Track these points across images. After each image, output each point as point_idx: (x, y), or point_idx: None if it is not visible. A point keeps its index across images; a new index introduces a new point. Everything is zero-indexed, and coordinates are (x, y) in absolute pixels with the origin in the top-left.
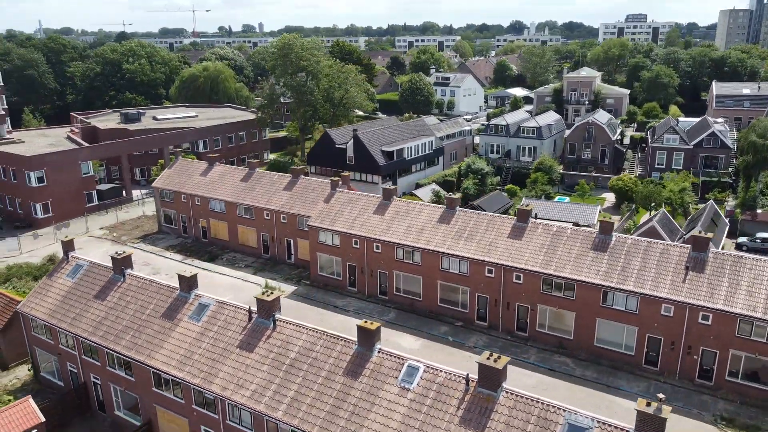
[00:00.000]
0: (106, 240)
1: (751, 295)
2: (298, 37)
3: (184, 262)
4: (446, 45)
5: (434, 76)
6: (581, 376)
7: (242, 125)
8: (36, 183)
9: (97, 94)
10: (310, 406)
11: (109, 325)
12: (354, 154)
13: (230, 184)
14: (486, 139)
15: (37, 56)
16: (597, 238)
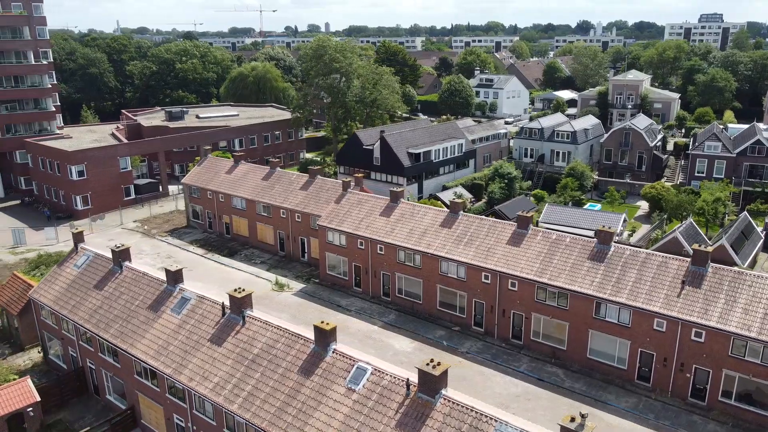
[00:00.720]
0: (137, 232)
1: (747, 314)
2: (332, 38)
3: (204, 257)
4: (503, 45)
5: (478, 78)
6: (569, 388)
7: (278, 125)
8: (77, 176)
9: (152, 92)
10: (263, 401)
11: (102, 313)
12: (380, 156)
13: (252, 182)
14: (520, 142)
15: (100, 56)
16: (595, 248)
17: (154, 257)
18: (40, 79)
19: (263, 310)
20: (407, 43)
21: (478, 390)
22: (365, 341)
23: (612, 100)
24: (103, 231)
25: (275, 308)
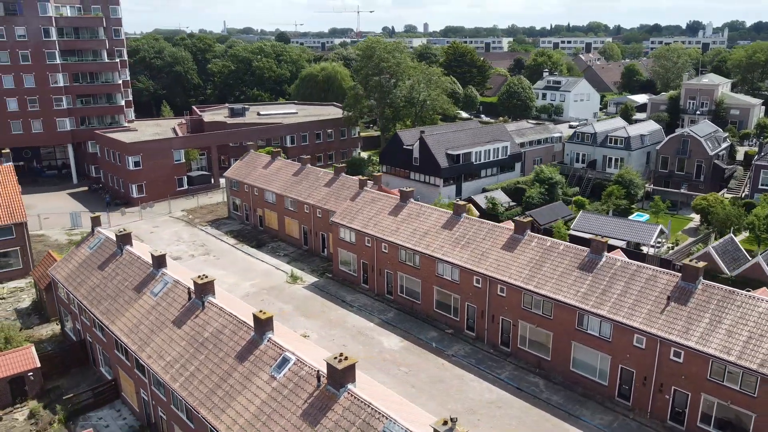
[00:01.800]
0: (181, 221)
1: (731, 336)
2: (382, 39)
3: (234, 247)
4: (594, 47)
5: (545, 80)
6: (546, 400)
7: (331, 123)
8: (133, 166)
9: (229, 89)
10: (200, 382)
11: (98, 291)
12: (419, 156)
13: (283, 177)
14: (571, 147)
15: (185, 54)
16: (587, 258)
17: (189, 245)
18: (112, 76)
19: (271, 300)
20: (493, 44)
21: (450, 394)
22: (356, 337)
23: (684, 105)
24: (151, 218)
25: (283, 299)
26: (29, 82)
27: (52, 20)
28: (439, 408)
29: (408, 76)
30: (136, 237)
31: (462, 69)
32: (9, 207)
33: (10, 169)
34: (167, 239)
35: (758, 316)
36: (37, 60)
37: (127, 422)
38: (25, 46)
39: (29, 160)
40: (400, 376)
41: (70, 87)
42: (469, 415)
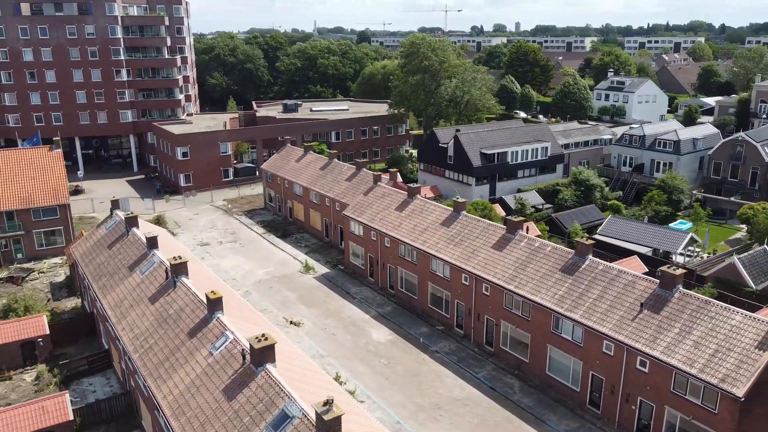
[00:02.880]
0: (220, 210)
1: (697, 348)
2: (426, 37)
3: (261, 236)
4: (683, 47)
5: (609, 80)
6: (516, 402)
7: (377, 120)
8: (181, 156)
9: (295, 86)
10: (154, 354)
11: (102, 268)
12: (453, 154)
13: (311, 171)
14: (619, 149)
15: (257, 52)
16: (571, 260)
17: (221, 232)
18: (172, 72)
19: (279, 288)
20: (576, 43)
21: (421, 388)
22: (348, 327)
23: (755, 108)
24: (193, 206)
25: (290, 287)
26: (96, 76)
27: (118, 19)
28: (405, 401)
29: (452, 74)
30: (175, 222)
31: (524, 68)
32: (55, 190)
33: (58, 156)
34: (202, 226)
35: (729, 329)
36: (104, 56)
37: (112, 389)
38: (94, 43)
39: (98, 149)
40: (378, 368)
41: (133, 81)
42: (433, 410)
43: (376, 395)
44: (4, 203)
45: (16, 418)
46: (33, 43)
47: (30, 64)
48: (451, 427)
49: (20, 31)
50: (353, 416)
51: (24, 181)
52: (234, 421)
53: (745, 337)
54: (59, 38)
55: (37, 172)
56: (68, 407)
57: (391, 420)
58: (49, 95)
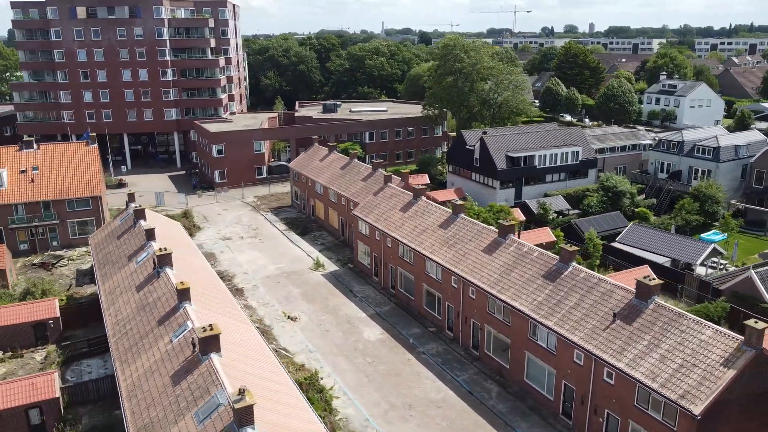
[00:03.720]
0: (249, 206)
1: (663, 361)
2: (460, 38)
3: (282, 232)
4: (759, 49)
5: (661, 84)
6: (491, 407)
7: (411, 121)
8: (216, 154)
9: (344, 87)
10: (128, 339)
11: (108, 257)
12: (479, 156)
13: (331, 170)
14: (656, 155)
15: (309, 53)
16: (554, 267)
17: (244, 227)
18: (214, 72)
19: (285, 283)
20: (642, 45)
21: (399, 388)
22: (342, 324)
23: None
24: (224, 202)
25: (296, 283)
26: (143, 76)
27: (165, 21)
28: (379, 399)
29: (487, 76)
30: (204, 217)
31: (573, 71)
32: (89, 182)
33: (94, 150)
34: (228, 221)
35: (698, 344)
36: (151, 56)
37: (107, 371)
38: (142, 45)
39: (146, 145)
40: (362, 366)
41: (178, 81)
42: (404, 410)
43: (353, 392)
44: (42, 193)
45: (7, 392)
46: (86, 45)
47: (83, 64)
48: (417, 428)
49: (75, 33)
50: (294, 410)
51: (61, 174)
52: (173, 405)
53: (713, 353)
54: (110, 40)
55: (74, 165)
56: (56, 385)
57: (361, 417)
58: (100, 93)
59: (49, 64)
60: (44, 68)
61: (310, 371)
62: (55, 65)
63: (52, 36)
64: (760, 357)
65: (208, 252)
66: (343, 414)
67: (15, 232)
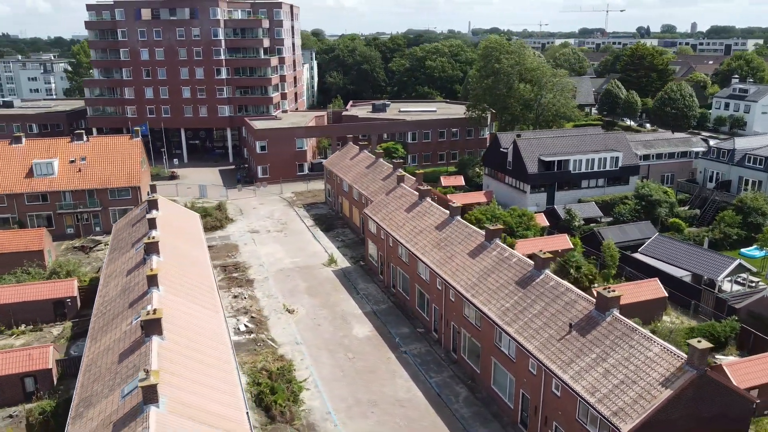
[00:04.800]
0: (284, 202)
1: (606, 376)
2: (501, 39)
3: (308, 228)
4: None
5: (731, 88)
6: (454, 411)
7: (455, 122)
8: (259, 150)
9: (404, 86)
10: (103, 319)
11: (120, 243)
12: (512, 159)
13: (358, 169)
14: (705, 164)
15: (374, 53)
16: (528, 273)
17: (274, 221)
18: (266, 71)
19: (294, 277)
20: (735, 46)
21: (369, 385)
22: (335, 320)
23: None
24: (262, 196)
25: (304, 278)
26: (199, 74)
27: (220, 22)
28: (347, 394)
29: (528, 78)
30: (240, 210)
31: (638, 73)
32: (129, 173)
33: (138, 144)
34: (261, 215)
35: (643, 360)
36: (207, 56)
37: None
38: (198, 44)
39: (204, 140)
40: (341, 361)
41: (231, 79)
42: (368, 406)
43: (324, 385)
44: (87, 182)
45: (6, 360)
46: (149, 44)
47: (146, 62)
48: (375, 425)
49: (139, 33)
50: (220, 394)
51: (105, 165)
52: (111, 381)
53: (655, 371)
54: (170, 39)
55: (117, 157)
56: (50, 358)
57: (324, 410)
58: (160, 90)
59: (116, 62)
60: (112, 66)
61: (288, 362)
62: (121, 63)
63: (119, 36)
64: (703, 379)
65: (232, 243)
66: (307, 405)
67: (63, 217)
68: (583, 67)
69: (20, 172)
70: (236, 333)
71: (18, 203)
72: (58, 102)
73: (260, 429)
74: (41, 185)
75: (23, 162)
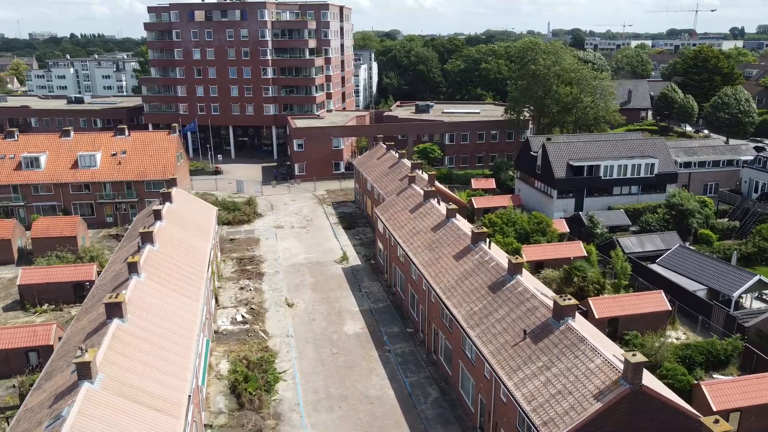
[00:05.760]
0: (315, 199)
1: (546, 385)
2: (539, 42)
3: (332, 225)
4: None
5: None
6: (419, 412)
7: (495, 125)
8: (297, 148)
9: (457, 88)
10: (90, 301)
11: (132, 233)
12: (540, 163)
13: (381, 169)
14: (750, 173)
15: (431, 54)
16: (501, 278)
17: (300, 218)
18: (310, 71)
19: (303, 272)
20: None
21: (343, 380)
22: (330, 315)
23: None
24: (295, 193)
25: (313, 274)
26: (247, 73)
27: (268, 24)
28: (320, 388)
29: (568, 81)
30: (271, 206)
31: (700, 76)
32: (164, 167)
33: (174, 139)
34: (290, 211)
35: (583, 372)
36: (254, 56)
37: None
38: (246, 45)
39: (252, 137)
40: (324, 355)
41: (277, 79)
42: (337, 401)
43: (302, 378)
44: (125, 174)
45: (13, 335)
46: (201, 44)
47: (197, 62)
48: (338, 419)
49: (192, 34)
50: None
51: (143, 158)
52: (71, 357)
53: (591, 383)
54: (220, 40)
55: (155, 151)
56: (53, 335)
57: (294, 401)
58: (210, 89)
59: (171, 61)
60: (167, 65)
61: (272, 353)
62: (175, 63)
63: (173, 37)
64: (636, 394)
65: (255, 237)
66: (280, 395)
67: (103, 207)
68: (646, 70)
69: (67, 163)
70: (232, 323)
71: (64, 192)
72: (123, 99)
73: (228, 414)
74: (84, 176)
75: (70, 154)
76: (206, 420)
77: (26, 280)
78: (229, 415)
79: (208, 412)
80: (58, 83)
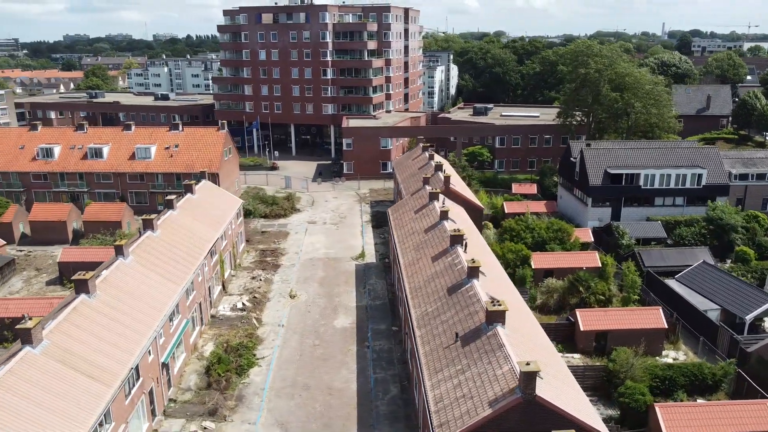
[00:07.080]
0: (357, 197)
1: (456, 388)
2: (589, 42)
3: (363, 223)
4: None
5: None
6: (373, 407)
7: (547, 129)
8: (346, 147)
9: (532, 90)
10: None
11: None
12: (579, 170)
13: (412, 169)
14: None
15: (508, 56)
16: (461, 281)
17: (335, 215)
18: (368, 72)
19: (317, 266)
20: None
21: (313, 371)
22: (326, 309)
23: None
24: (339, 191)
25: (325, 269)
26: (308, 74)
27: (329, 26)
28: (289, 377)
29: (621, 85)
30: (312, 202)
31: None
32: (210, 161)
33: (223, 135)
34: (328, 208)
35: (491, 377)
36: (315, 57)
37: None
38: (308, 46)
39: (315, 135)
40: (305, 346)
41: (336, 79)
42: (300, 389)
43: (276, 365)
44: (175, 166)
45: (35, 306)
46: (266, 46)
47: (263, 62)
48: (294, 406)
49: (258, 35)
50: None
51: (192, 152)
52: None
53: (492, 390)
54: (284, 42)
55: (203, 146)
56: None
57: (260, 386)
58: (274, 88)
59: (239, 62)
60: (236, 65)
61: (256, 339)
62: (243, 63)
63: (242, 38)
64: (530, 403)
65: (285, 231)
66: (250, 380)
67: (155, 196)
68: (738, 74)
69: (126, 155)
70: (232, 310)
71: (122, 181)
72: (204, 96)
73: (194, 392)
74: (140, 167)
75: (129, 146)
76: (173, 395)
77: (65, 258)
78: (195, 393)
79: (177, 388)
80: (154, 81)
